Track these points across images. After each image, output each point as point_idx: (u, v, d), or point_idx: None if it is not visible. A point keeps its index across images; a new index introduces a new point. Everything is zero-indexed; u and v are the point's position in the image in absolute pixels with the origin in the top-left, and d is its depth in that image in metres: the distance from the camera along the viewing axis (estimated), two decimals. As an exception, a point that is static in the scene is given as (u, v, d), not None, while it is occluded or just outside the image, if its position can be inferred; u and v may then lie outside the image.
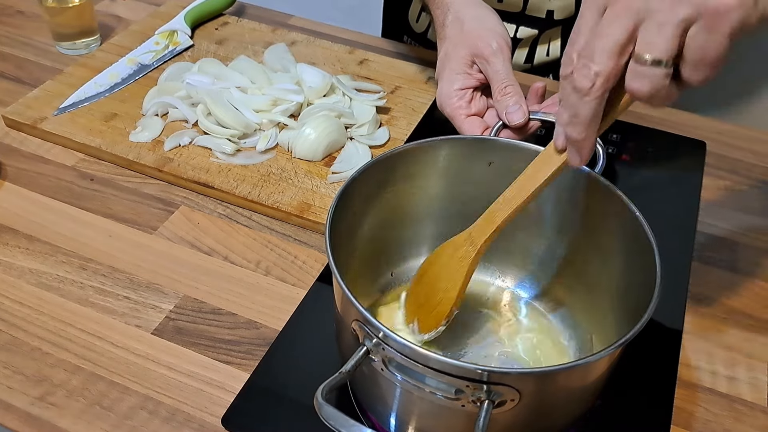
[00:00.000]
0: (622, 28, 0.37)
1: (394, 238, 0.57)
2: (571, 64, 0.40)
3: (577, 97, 0.39)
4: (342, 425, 0.38)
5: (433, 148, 0.54)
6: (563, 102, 0.42)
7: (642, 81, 0.38)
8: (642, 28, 0.37)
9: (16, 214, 0.66)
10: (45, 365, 0.54)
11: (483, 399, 0.39)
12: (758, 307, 0.61)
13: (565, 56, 0.41)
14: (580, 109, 0.40)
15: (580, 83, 0.39)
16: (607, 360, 0.42)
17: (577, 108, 0.40)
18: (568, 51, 0.41)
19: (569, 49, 0.40)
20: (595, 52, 0.38)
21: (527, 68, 0.90)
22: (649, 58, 0.37)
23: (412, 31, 0.98)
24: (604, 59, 0.38)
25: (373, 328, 0.40)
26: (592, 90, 0.39)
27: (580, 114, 0.40)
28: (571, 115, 0.41)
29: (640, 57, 0.37)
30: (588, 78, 0.38)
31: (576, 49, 0.40)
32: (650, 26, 0.37)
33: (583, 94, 0.39)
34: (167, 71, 0.81)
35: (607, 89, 0.39)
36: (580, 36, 0.40)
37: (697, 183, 0.72)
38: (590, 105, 0.39)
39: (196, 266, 0.62)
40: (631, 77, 0.38)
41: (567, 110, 0.41)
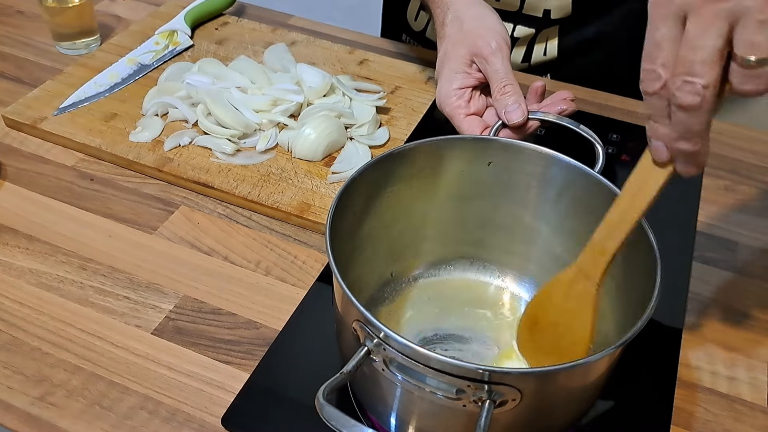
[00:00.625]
0: (717, 35, 0.36)
1: (394, 238, 0.57)
2: (658, 79, 0.38)
3: (686, 114, 0.38)
4: (343, 425, 0.38)
5: (432, 148, 0.54)
6: (656, 117, 0.40)
7: (756, 82, 0.36)
8: (739, 27, 0.35)
9: (16, 214, 0.66)
10: (45, 365, 0.54)
11: (484, 399, 0.39)
12: (758, 307, 0.61)
13: (646, 72, 0.39)
14: (693, 124, 0.39)
15: (687, 100, 0.37)
16: (607, 360, 0.42)
17: (689, 124, 0.39)
18: (647, 67, 0.39)
19: (649, 66, 0.39)
20: (695, 65, 0.36)
21: (524, 67, 0.91)
22: (755, 60, 0.35)
23: (410, 29, 0.98)
24: (707, 71, 0.36)
25: (374, 329, 0.40)
26: (703, 103, 0.37)
27: (693, 128, 0.39)
28: (683, 131, 0.39)
29: (745, 60, 0.36)
30: (696, 93, 0.37)
31: (660, 63, 0.38)
32: (748, 26, 0.35)
33: (695, 109, 0.38)
34: (167, 71, 0.81)
35: (715, 96, 0.38)
36: (660, 50, 0.38)
37: (697, 183, 0.73)
38: (703, 117, 0.38)
39: (196, 266, 0.62)
40: (742, 80, 0.37)
41: (675, 127, 0.39)
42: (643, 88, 0.40)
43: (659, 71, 0.38)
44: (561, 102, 0.66)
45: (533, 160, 0.53)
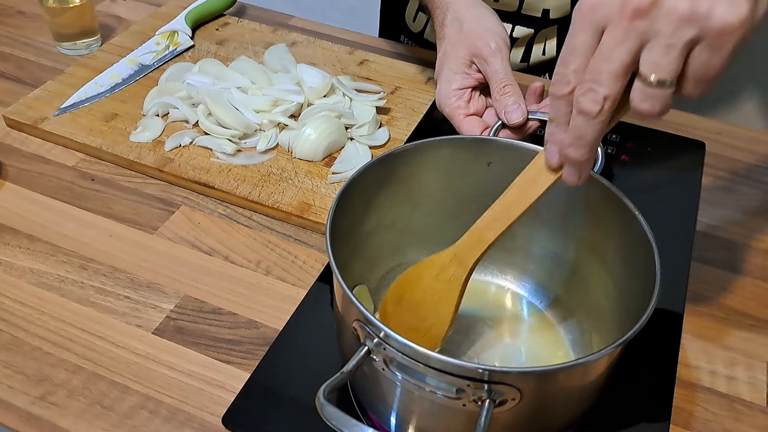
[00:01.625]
0: (627, 51, 0.37)
1: (394, 238, 0.57)
2: (568, 84, 0.40)
3: (583, 120, 0.39)
4: (344, 425, 0.38)
5: (432, 149, 0.54)
6: (557, 121, 0.42)
7: (652, 101, 0.38)
8: (647, 48, 0.37)
9: (17, 214, 0.66)
10: (46, 365, 0.54)
11: (484, 398, 0.39)
12: (757, 306, 0.62)
13: (559, 75, 0.41)
14: (586, 131, 0.40)
15: (587, 107, 0.39)
16: (607, 359, 0.42)
17: (583, 130, 0.40)
18: (560, 71, 0.40)
19: (562, 70, 0.40)
20: (602, 75, 0.38)
21: (523, 67, 0.91)
22: (655, 79, 0.37)
23: (408, 30, 0.98)
24: (611, 82, 0.38)
25: (375, 328, 0.41)
26: (600, 113, 0.39)
27: (585, 136, 0.40)
28: (575, 137, 0.40)
29: (646, 78, 0.37)
30: (596, 102, 0.38)
31: (572, 69, 0.40)
32: (656, 47, 0.37)
33: (592, 117, 0.39)
34: (168, 72, 0.82)
35: (613, 110, 0.39)
36: (575, 56, 0.39)
37: (697, 183, 0.73)
38: (597, 127, 0.39)
39: (197, 266, 0.62)
40: (640, 99, 0.38)
41: (570, 132, 0.41)
42: (552, 91, 0.41)
43: (570, 77, 0.40)
44: None
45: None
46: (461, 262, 0.48)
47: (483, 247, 0.47)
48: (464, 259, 0.48)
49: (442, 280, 0.49)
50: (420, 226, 0.58)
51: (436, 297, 0.50)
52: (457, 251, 0.49)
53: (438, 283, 0.49)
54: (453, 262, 0.49)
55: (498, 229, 0.47)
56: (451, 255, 0.49)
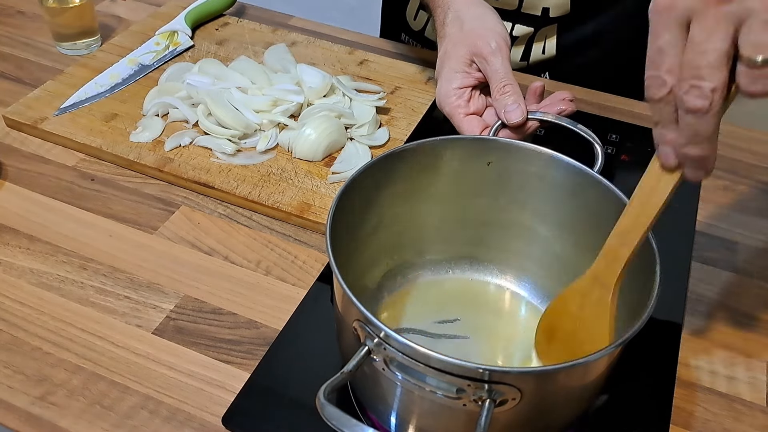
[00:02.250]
0: (723, 38, 0.36)
1: (394, 238, 0.57)
2: (664, 85, 0.38)
3: (695, 118, 0.38)
4: (344, 425, 0.38)
5: (432, 148, 0.54)
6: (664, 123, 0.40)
7: (764, 82, 0.36)
8: (744, 29, 0.35)
9: (16, 214, 0.66)
10: (46, 365, 0.54)
11: (484, 398, 0.39)
12: (757, 306, 0.62)
13: (652, 79, 0.39)
14: (701, 127, 0.38)
15: (695, 104, 0.37)
16: (606, 359, 0.42)
17: (697, 127, 0.38)
18: (652, 74, 0.39)
19: (654, 72, 0.39)
20: (702, 69, 0.36)
21: (523, 66, 0.91)
22: (761, 59, 0.35)
23: (409, 28, 0.98)
24: (714, 74, 0.36)
25: (375, 328, 0.41)
26: (712, 106, 0.37)
27: (701, 132, 0.38)
28: (691, 136, 0.39)
29: (752, 61, 0.35)
30: (704, 97, 0.37)
31: (666, 69, 0.38)
32: (754, 26, 0.35)
33: (703, 113, 0.37)
34: (168, 72, 0.82)
35: (723, 99, 0.37)
36: (664, 56, 0.38)
37: (696, 183, 0.73)
38: (712, 121, 0.38)
39: (197, 266, 0.62)
40: (750, 82, 0.36)
41: (683, 132, 0.39)
42: (649, 95, 0.40)
43: (665, 77, 0.38)
44: (560, 102, 0.66)
45: (533, 160, 0.53)
46: (603, 285, 0.47)
47: (621, 264, 0.46)
48: (605, 281, 0.47)
49: (588, 306, 0.48)
50: (420, 226, 0.58)
51: (588, 323, 0.49)
52: (596, 274, 0.48)
53: (585, 309, 0.49)
54: (595, 286, 0.48)
55: (631, 243, 0.45)
56: (591, 279, 0.48)
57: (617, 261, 0.46)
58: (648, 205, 0.44)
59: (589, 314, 0.48)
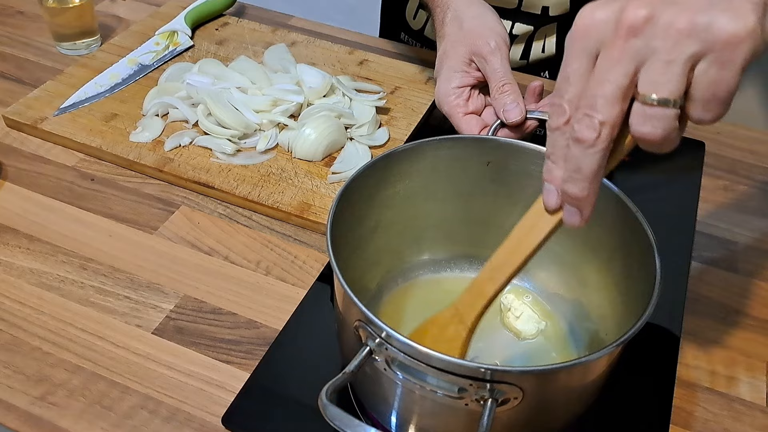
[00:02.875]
0: (623, 72, 0.35)
1: (394, 238, 0.57)
2: (563, 114, 0.37)
3: (580, 149, 0.36)
4: (347, 425, 0.38)
5: (432, 148, 0.54)
6: (554, 157, 0.39)
7: (653, 124, 0.35)
8: (645, 68, 0.35)
9: (16, 214, 0.66)
10: (45, 365, 0.54)
11: (486, 397, 0.39)
12: (757, 306, 0.62)
13: (554, 107, 0.38)
14: (584, 162, 0.37)
15: (583, 134, 0.36)
16: (606, 358, 0.42)
17: (580, 161, 0.37)
18: (555, 101, 0.38)
19: (557, 100, 0.38)
20: (597, 100, 0.35)
21: (523, 65, 0.91)
22: (656, 98, 0.34)
23: (409, 28, 0.98)
24: (607, 107, 0.35)
25: (376, 328, 0.41)
26: (598, 141, 0.36)
27: (583, 168, 0.37)
28: (572, 170, 0.37)
29: (646, 98, 0.35)
30: (593, 128, 0.36)
31: (567, 99, 0.37)
32: (655, 65, 0.34)
33: (588, 146, 0.36)
34: (167, 72, 0.82)
35: (612, 138, 0.36)
36: (569, 84, 0.37)
37: (696, 183, 0.73)
38: (595, 157, 0.37)
39: (197, 266, 0.62)
40: (640, 121, 0.35)
41: (566, 165, 0.38)
42: (548, 123, 0.39)
43: (565, 106, 0.37)
44: None
45: (532, 159, 0.53)
46: (461, 320, 0.46)
47: (483, 301, 0.44)
48: (465, 317, 0.45)
49: (442, 341, 0.46)
50: (419, 225, 0.58)
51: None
52: (458, 308, 0.46)
53: (439, 343, 0.46)
54: (453, 320, 0.46)
55: (498, 280, 0.44)
56: (452, 312, 0.46)
57: (481, 297, 0.44)
58: (523, 243, 0.43)
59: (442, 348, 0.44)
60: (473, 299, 0.45)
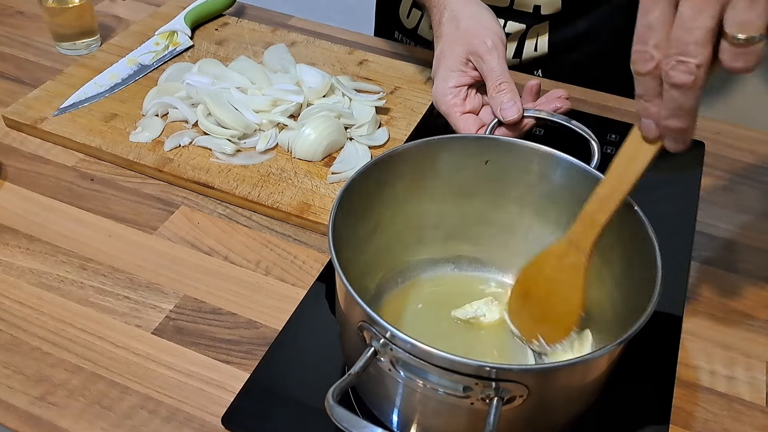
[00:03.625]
0: (709, 16, 0.37)
1: (394, 238, 0.57)
2: (651, 60, 0.40)
3: (679, 92, 0.40)
4: (354, 426, 0.38)
5: (431, 148, 0.54)
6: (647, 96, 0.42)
7: (745, 59, 0.38)
8: (729, 8, 0.37)
9: (16, 215, 0.66)
10: (45, 365, 0.54)
11: (492, 396, 0.39)
12: (757, 306, 0.62)
13: (638, 54, 0.41)
14: (685, 102, 0.40)
15: (681, 79, 0.39)
16: (607, 357, 0.42)
17: (681, 101, 0.40)
18: (640, 48, 0.40)
19: (641, 47, 0.40)
20: (689, 46, 0.38)
21: (515, 63, 0.91)
22: (744, 38, 0.37)
23: (403, 27, 0.98)
24: (700, 51, 0.38)
25: (381, 329, 0.40)
26: (696, 82, 0.39)
27: (685, 106, 0.40)
28: (674, 109, 0.41)
29: (735, 38, 0.37)
30: (690, 72, 0.39)
31: (653, 44, 0.40)
32: (738, 6, 0.37)
33: (688, 87, 0.39)
34: (167, 72, 0.82)
35: (707, 76, 0.39)
36: (652, 32, 0.39)
37: (696, 183, 0.73)
38: (695, 95, 0.40)
39: (196, 266, 0.62)
40: (733, 58, 0.38)
41: (667, 105, 0.41)
42: (635, 68, 0.41)
43: (652, 52, 0.40)
44: (555, 100, 0.67)
45: (530, 158, 0.53)
46: (579, 248, 0.49)
47: (597, 229, 0.47)
48: (581, 245, 0.48)
49: (564, 269, 0.50)
50: (419, 225, 0.58)
51: (562, 285, 0.50)
52: (572, 238, 0.49)
53: (561, 272, 0.50)
54: (570, 249, 0.49)
55: (608, 210, 0.47)
56: (567, 243, 0.49)
57: (594, 226, 0.47)
58: (627, 173, 0.46)
59: (563, 277, 0.50)
60: (586, 229, 0.48)
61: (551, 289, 0.51)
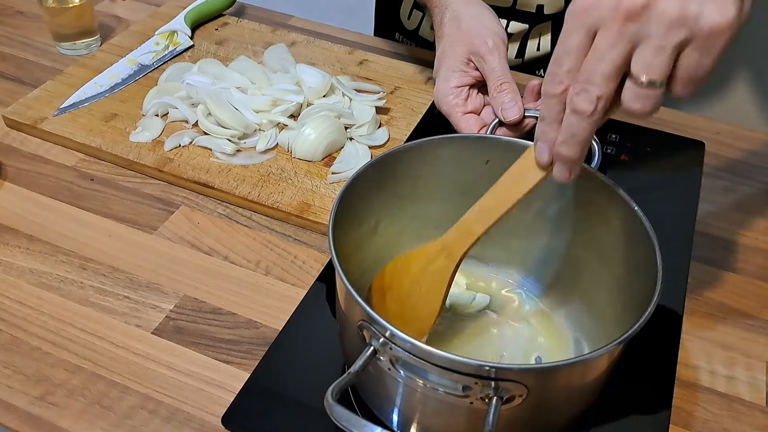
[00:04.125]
0: (620, 53, 0.38)
1: (394, 237, 0.57)
2: (560, 84, 0.41)
3: (577, 118, 0.40)
4: (354, 426, 0.38)
5: (431, 148, 0.54)
6: (548, 120, 0.42)
7: (643, 101, 0.39)
8: (638, 50, 0.38)
9: (16, 214, 0.66)
10: (45, 365, 0.54)
11: (491, 396, 0.39)
12: (757, 306, 0.62)
13: (551, 75, 0.41)
14: (579, 129, 0.41)
15: (581, 106, 0.40)
16: (607, 357, 0.42)
17: (576, 128, 0.41)
18: (553, 71, 0.41)
19: (555, 69, 0.41)
20: (595, 76, 0.39)
21: (518, 63, 0.91)
22: (646, 80, 0.38)
23: (403, 28, 0.98)
24: (604, 83, 0.39)
25: (380, 328, 0.40)
26: (594, 112, 0.40)
27: (578, 134, 0.41)
28: (569, 135, 0.41)
29: (638, 79, 0.39)
30: (590, 101, 0.39)
31: (565, 70, 0.40)
32: (647, 49, 0.38)
33: (586, 116, 0.40)
34: (167, 71, 0.82)
35: (606, 110, 0.40)
36: (568, 57, 0.40)
37: (696, 183, 0.73)
38: (590, 126, 0.41)
39: (196, 266, 0.62)
40: (632, 98, 0.39)
41: (563, 131, 0.42)
42: (545, 89, 0.42)
43: (562, 77, 0.41)
44: None
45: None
46: (450, 254, 0.49)
47: (471, 239, 0.48)
48: (453, 251, 0.49)
49: (430, 272, 0.50)
50: (419, 225, 0.58)
51: (424, 288, 0.50)
52: (446, 243, 0.49)
53: (426, 274, 0.50)
54: (441, 254, 0.49)
55: (486, 222, 0.47)
56: (440, 246, 0.50)
57: (470, 235, 0.48)
58: (512, 191, 0.46)
59: (428, 279, 0.50)
60: (461, 237, 0.49)
61: (414, 289, 0.51)
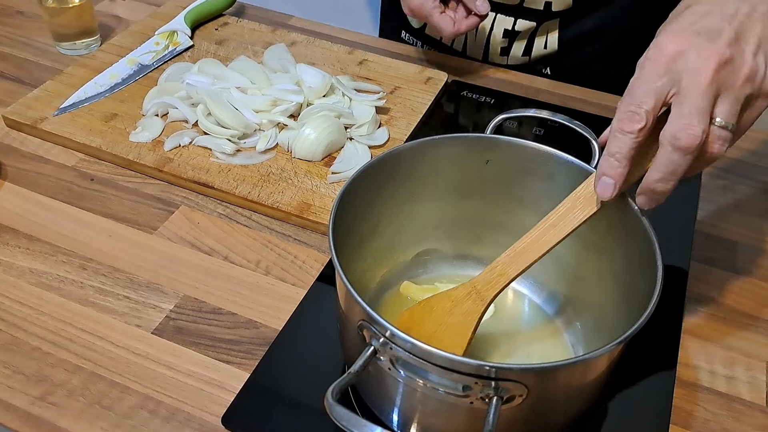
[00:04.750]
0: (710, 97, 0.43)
1: (394, 238, 0.57)
2: (640, 121, 0.43)
3: (680, 155, 0.43)
4: (354, 425, 0.38)
5: (431, 148, 0.54)
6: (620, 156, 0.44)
7: (720, 143, 0.44)
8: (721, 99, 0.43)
9: (16, 214, 0.66)
10: (45, 365, 0.54)
11: (491, 395, 0.39)
12: (757, 306, 0.62)
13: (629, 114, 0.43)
14: (680, 165, 0.43)
15: (687, 142, 0.42)
16: (607, 357, 0.42)
17: (677, 165, 0.43)
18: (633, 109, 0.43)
19: (635, 109, 0.43)
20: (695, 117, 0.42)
21: (525, 61, 0.91)
22: (725, 123, 0.43)
23: (409, 26, 0.98)
24: (705, 119, 0.43)
25: (380, 328, 0.41)
26: (696, 147, 0.43)
27: (678, 171, 0.44)
28: (667, 173, 0.44)
29: (720, 122, 0.43)
30: (696, 136, 0.42)
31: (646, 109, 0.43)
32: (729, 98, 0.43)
33: (690, 152, 0.43)
34: (167, 71, 0.82)
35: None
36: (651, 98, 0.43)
37: (696, 183, 0.73)
38: (689, 161, 0.43)
39: (196, 266, 0.62)
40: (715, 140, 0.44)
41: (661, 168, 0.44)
42: (621, 126, 0.44)
43: (644, 115, 0.43)
44: None
45: (531, 157, 0.53)
46: (480, 296, 0.48)
47: (504, 281, 0.47)
48: (483, 294, 0.48)
49: (457, 314, 0.49)
50: (419, 224, 0.58)
51: (449, 330, 0.49)
52: (476, 285, 0.49)
53: (453, 316, 0.49)
54: (470, 296, 0.49)
55: (521, 264, 0.47)
56: (469, 289, 0.49)
57: (502, 278, 0.47)
58: (555, 230, 0.46)
59: (454, 322, 0.49)
60: (494, 279, 0.48)
61: (437, 332, 0.50)
